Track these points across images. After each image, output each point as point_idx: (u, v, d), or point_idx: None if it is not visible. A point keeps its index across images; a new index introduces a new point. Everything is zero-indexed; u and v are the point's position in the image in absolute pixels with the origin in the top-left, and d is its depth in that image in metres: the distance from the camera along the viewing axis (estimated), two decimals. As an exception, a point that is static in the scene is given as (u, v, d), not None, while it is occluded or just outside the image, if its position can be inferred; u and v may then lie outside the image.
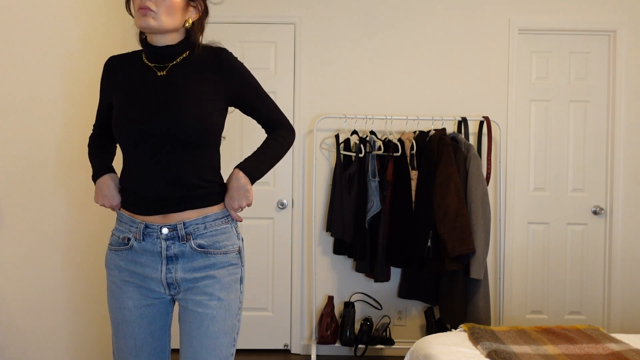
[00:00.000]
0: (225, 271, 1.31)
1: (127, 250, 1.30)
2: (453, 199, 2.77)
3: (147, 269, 1.29)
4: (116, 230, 1.34)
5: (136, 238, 1.28)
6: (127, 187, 1.32)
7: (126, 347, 1.31)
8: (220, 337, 1.27)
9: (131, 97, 1.29)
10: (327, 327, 3.02)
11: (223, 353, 1.28)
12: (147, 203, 1.28)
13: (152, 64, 1.33)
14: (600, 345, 1.95)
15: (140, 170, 1.28)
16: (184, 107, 1.25)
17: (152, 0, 1.23)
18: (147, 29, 1.27)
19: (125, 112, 1.28)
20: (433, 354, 1.86)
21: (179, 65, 1.32)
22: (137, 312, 1.30)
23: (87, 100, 2.07)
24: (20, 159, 1.71)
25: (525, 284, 3.26)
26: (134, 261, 1.30)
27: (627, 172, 3.20)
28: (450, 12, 3.20)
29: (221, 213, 1.33)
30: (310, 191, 3.16)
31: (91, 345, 2.29)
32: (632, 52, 3.20)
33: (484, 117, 3.06)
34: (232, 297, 1.31)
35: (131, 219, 1.30)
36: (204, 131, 1.28)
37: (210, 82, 1.31)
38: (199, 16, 1.34)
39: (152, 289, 1.30)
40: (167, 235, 1.27)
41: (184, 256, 1.28)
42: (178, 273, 1.28)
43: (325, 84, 3.20)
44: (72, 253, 2.09)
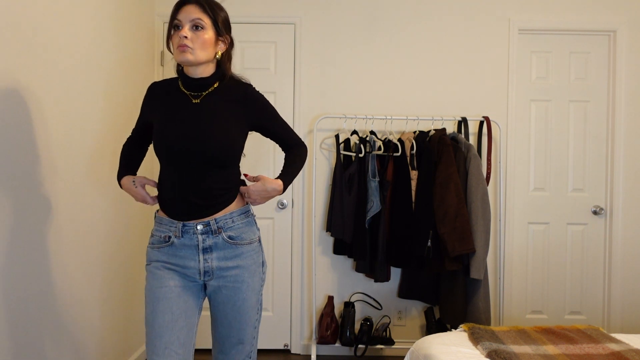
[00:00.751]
0: (251, 259, 1.59)
1: (168, 247, 1.54)
2: (453, 199, 2.77)
3: (187, 260, 1.53)
4: (156, 231, 1.58)
5: (176, 235, 1.53)
6: (164, 195, 1.56)
7: (163, 321, 1.48)
8: (250, 311, 1.59)
9: (169, 119, 1.54)
10: (327, 327, 3.02)
11: (252, 323, 1.61)
12: (180, 210, 1.53)
13: (188, 92, 1.57)
14: (600, 345, 1.95)
15: (174, 183, 1.54)
16: (213, 133, 1.51)
17: (190, 39, 1.49)
18: (186, 63, 1.51)
19: (164, 133, 1.53)
20: (433, 354, 1.86)
21: (210, 94, 1.56)
22: (176, 290, 1.52)
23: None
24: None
25: (525, 284, 3.26)
26: (175, 255, 1.54)
27: (627, 172, 3.20)
28: (450, 12, 3.20)
29: (243, 209, 1.60)
30: (310, 191, 3.16)
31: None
32: (632, 52, 3.20)
33: (484, 117, 3.06)
34: (256, 279, 1.60)
35: (170, 220, 1.54)
36: (229, 153, 1.54)
37: (236, 111, 1.57)
38: (226, 48, 1.61)
39: (190, 275, 1.54)
40: (202, 230, 1.52)
41: (217, 247, 1.54)
42: (214, 262, 1.54)
43: (325, 84, 3.20)
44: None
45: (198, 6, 1.51)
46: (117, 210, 2.57)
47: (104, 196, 2.43)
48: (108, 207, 2.47)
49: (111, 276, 2.53)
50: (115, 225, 2.56)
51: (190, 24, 1.50)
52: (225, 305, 1.57)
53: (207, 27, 1.52)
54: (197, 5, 1.51)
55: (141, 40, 2.92)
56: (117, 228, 2.58)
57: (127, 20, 2.69)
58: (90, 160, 2.27)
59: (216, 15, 1.54)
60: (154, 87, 1.65)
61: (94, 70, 2.29)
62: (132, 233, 2.80)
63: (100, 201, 2.39)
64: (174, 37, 1.52)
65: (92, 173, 2.28)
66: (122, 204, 2.63)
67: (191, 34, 1.50)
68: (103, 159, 2.40)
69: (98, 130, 2.34)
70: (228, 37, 1.61)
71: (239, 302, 1.56)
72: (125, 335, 2.74)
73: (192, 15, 1.50)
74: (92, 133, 2.29)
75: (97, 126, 2.34)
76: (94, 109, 2.31)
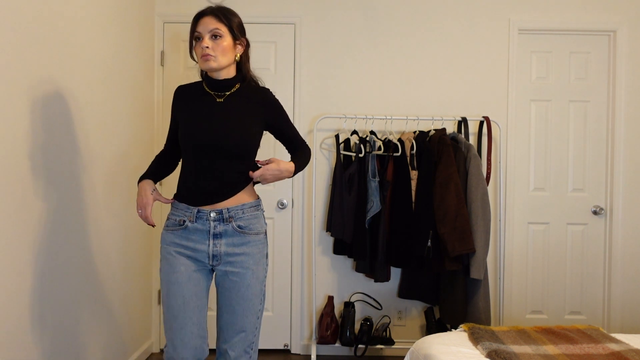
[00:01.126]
0: (257, 248, 1.72)
1: (182, 230, 1.69)
2: (453, 199, 2.77)
3: (198, 244, 1.68)
4: (172, 215, 1.73)
5: (190, 220, 1.68)
6: (186, 182, 1.72)
7: (176, 304, 1.65)
8: (253, 299, 1.71)
9: (195, 116, 1.71)
10: (327, 327, 3.02)
11: (255, 312, 1.72)
12: (201, 195, 1.68)
13: (213, 92, 1.74)
14: (600, 345, 1.95)
15: (197, 172, 1.69)
16: (235, 129, 1.69)
17: (211, 48, 1.66)
18: (210, 70, 1.70)
19: (190, 128, 1.70)
20: (433, 354, 1.86)
21: (232, 95, 1.74)
22: (186, 275, 1.66)
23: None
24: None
25: (525, 284, 3.26)
26: (187, 238, 1.68)
27: (627, 172, 3.20)
28: (451, 12, 3.20)
29: (254, 202, 1.75)
30: (310, 191, 3.16)
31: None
32: (632, 52, 3.20)
33: (484, 117, 3.06)
34: (261, 268, 1.74)
35: (186, 206, 1.69)
36: (247, 147, 1.72)
37: (255, 111, 1.75)
38: (244, 49, 1.78)
39: (199, 259, 1.69)
40: (215, 218, 1.68)
41: (227, 234, 1.69)
42: (222, 247, 1.68)
43: (325, 84, 3.20)
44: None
45: (214, 17, 1.68)
46: (117, 209, 2.57)
47: (95, 196, 2.43)
48: (103, 204, 2.47)
49: (111, 276, 2.53)
50: (115, 223, 2.56)
51: (210, 34, 1.67)
52: (230, 292, 1.70)
53: (224, 35, 1.69)
54: (213, 16, 1.68)
55: (141, 40, 2.92)
56: (118, 226, 2.59)
57: (127, 20, 2.69)
58: (90, 157, 2.27)
59: (231, 22, 1.71)
60: (179, 90, 1.82)
61: (93, 70, 2.29)
62: (132, 231, 2.80)
63: (93, 201, 2.39)
64: (197, 47, 1.70)
65: (91, 172, 2.28)
66: (120, 203, 2.63)
67: (211, 43, 1.67)
68: (103, 156, 2.40)
69: (96, 130, 2.34)
70: (244, 39, 1.78)
71: (243, 289, 1.69)
72: (125, 335, 2.74)
73: (210, 26, 1.66)
74: (90, 133, 2.29)
75: (97, 126, 2.34)
76: (94, 109, 2.31)
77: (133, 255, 2.82)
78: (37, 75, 1.82)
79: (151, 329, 3.17)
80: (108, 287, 2.49)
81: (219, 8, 1.71)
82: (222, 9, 1.71)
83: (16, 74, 1.70)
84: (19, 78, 1.71)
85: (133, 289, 2.83)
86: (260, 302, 1.74)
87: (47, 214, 1.91)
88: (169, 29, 3.18)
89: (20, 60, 1.72)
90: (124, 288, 2.70)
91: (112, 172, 2.51)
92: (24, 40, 1.74)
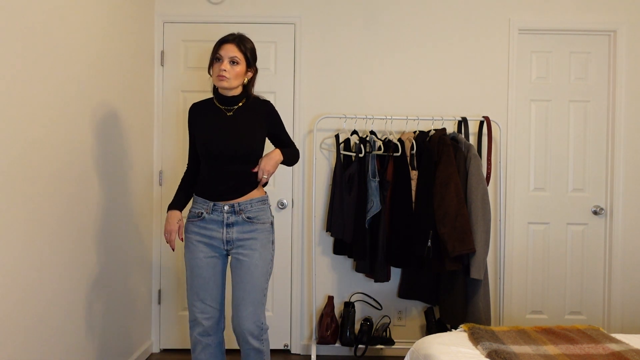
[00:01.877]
0: (263, 235, 2.06)
1: (200, 220, 2.04)
2: (453, 199, 2.77)
3: (213, 232, 2.04)
4: (193, 208, 2.08)
5: (207, 212, 2.03)
6: (204, 181, 2.06)
7: (198, 283, 2.04)
8: (260, 277, 2.03)
9: (210, 129, 2.05)
10: (327, 327, 3.02)
11: (262, 286, 2.04)
12: (217, 193, 2.03)
13: (223, 106, 2.07)
14: (601, 345, 1.95)
15: (214, 174, 2.04)
16: (243, 138, 2.03)
17: (227, 70, 1.98)
18: (221, 87, 2.03)
19: (206, 139, 2.04)
20: (433, 354, 1.86)
21: (240, 108, 2.08)
22: (205, 260, 2.04)
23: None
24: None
25: (525, 284, 3.26)
26: (205, 227, 2.04)
27: (627, 172, 3.20)
28: (451, 12, 3.20)
29: (261, 197, 2.09)
30: (310, 191, 3.16)
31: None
32: (632, 52, 3.20)
33: (484, 117, 3.06)
34: (267, 251, 2.07)
35: (204, 200, 2.05)
36: (254, 153, 2.06)
37: (260, 121, 2.09)
38: (252, 76, 2.12)
39: (216, 245, 2.05)
40: (228, 210, 2.03)
41: (238, 224, 2.03)
42: (234, 234, 2.03)
43: (325, 84, 3.20)
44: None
45: (235, 45, 2.01)
46: (117, 209, 2.57)
47: (94, 196, 2.43)
48: (103, 204, 2.47)
49: (111, 276, 2.53)
50: (115, 223, 2.56)
51: (229, 59, 1.99)
52: (240, 270, 2.02)
53: (241, 62, 2.02)
54: (234, 45, 2.01)
55: (141, 40, 2.92)
56: (118, 227, 2.59)
57: (127, 20, 2.69)
58: (90, 157, 2.27)
59: (247, 51, 2.04)
60: (194, 107, 2.13)
61: (93, 70, 2.29)
62: (132, 232, 2.80)
63: (93, 201, 2.39)
64: (215, 66, 2.01)
65: (90, 171, 2.28)
66: (120, 204, 2.63)
67: (229, 67, 1.99)
68: (103, 156, 2.40)
69: (96, 130, 2.34)
70: (254, 67, 2.11)
71: (252, 267, 2.01)
72: (126, 335, 2.74)
73: (230, 53, 1.99)
74: (90, 133, 2.29)
75: (96, 125, 2.34)
76: (93, 108, 2.31)
77: (133, 255, 2.82)
78: (36, 75, 1.82)
79: (151, 329, 3.16)
80: (108, 287, 2.49)
81: (240, 37, 2.04)
82: (243, 39, 2.05)
83: (15, 74, 1.70)
84: (18, 77, 1.71)
85: (133, 289, 2.83)
86: (266, 281, 2.06)
87: (47, 213, 1.91)
88: (169, 29, 3.18)
89: (18, 61, 1.71)
90: (124, 288, 2.70)
91: (111, 172, 2.51)
92: (25, 40, 1.74)
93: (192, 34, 3.17)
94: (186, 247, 2.08)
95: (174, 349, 3.21)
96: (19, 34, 1.70)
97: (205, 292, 2.04)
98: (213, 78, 2.02)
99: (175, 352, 3.19)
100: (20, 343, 1.74)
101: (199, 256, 2.04)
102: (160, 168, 3.19)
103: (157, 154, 3.18)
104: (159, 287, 3.18)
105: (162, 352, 3.19)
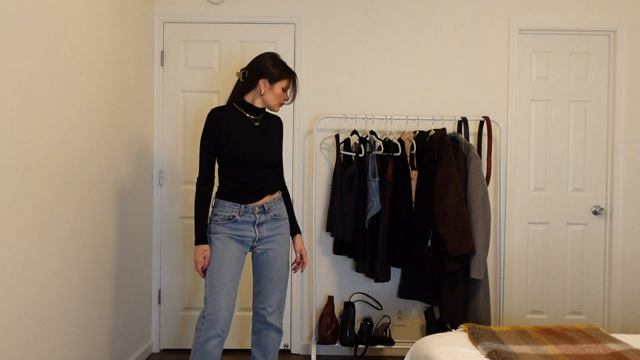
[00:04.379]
0: (285, 230, 2.29)
1: (232, 222, 2.16)
2: (453, 199, 2.77)
3: (246, 232, 2.18)
4: (219, 212, 2.17)
5: (239, 214, 2.16)
6: (234, 186, 2.18)
7: (226, 274, 2.13)
8: (285, 268, 2.28)
9: (240, 136, 2.18)
10: (327, 327, 3.02)
11: (286, 275, 2.29)
12: (249, 195, 2.18)
13: (251, 116, 2.23)
14: (601, 345, 1.95)
15: (242, 178, 2.18)
16: (270, 147, 2.25)
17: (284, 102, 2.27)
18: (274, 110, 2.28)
19: (238, 146, 2.16)
20: (433, 354, 1.86)
21: (262, 119, 2.27)
22: (235, 255, 2.16)
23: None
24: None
25: (525, 284, 3.26)
26: (237, 228, 2.17)
27: (627, 172, 3.20)
28: (451, 12, 3.20)
29: (279, 196, 2.29)
30: (310, 191, 3.16)
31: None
32: (632, 52, 3.20)
33: (484, 117, 3.06)
34: (288, 244, 2.32)
35: (231, 203, 2.16)
36: (277, 159, 2.30)
37: (276, 133, 2.33)
38: None
39: (246, 242, 2.19)
40: (258, 211, 2.19)
41: (267, 222, 2.21)
42: (264, 232, 2.21)
43: (325, 84, 3.20)
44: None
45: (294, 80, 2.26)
46: (116, 209, 2.57)
47: (93, 196, 2.43)
48: (103, 204, 2.47)
49: (111, 276, 2.53)
50: (115, 223, 2.57)
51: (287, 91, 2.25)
52: (269, 263, 2.23)
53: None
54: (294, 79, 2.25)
55: (141, 40, 2.92)
56: (117, 227, 2.59)
57: (127, 20, 2.69)
58: (89, 157, 2.27)
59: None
60: (218, 114, 2.19)
61: (93, 70, 2.29)
62: (132, 232, 2.80)
63: (93, 201, 2.39)
64: (279, 93, 2.21)
65: (89, 171, 2.28)
66: (120, 204, 2.63)
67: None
68: (102, 156, 2.40)
69: (96, 130, 2.34)
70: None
71: (280, 260, 2.24)
72: (125, 335, 2.74)
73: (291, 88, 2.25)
74: (90, 133, 2.29)
75: (96, 125, 2.34)
76: (93, 108, 2.31)
77: (133, 255, 2.82)
78: (36, 75, 1.82)
79: (151, 329, 3.17)
80: (108, 287, 2.49)
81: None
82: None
83: (15, 74, 1.70)
84: (18, 77, 1.71)
85: (133, 289, 2.83)
86: (288, 270, 2.30)
87: (47, 214, 1.91)
88: (169, 29, 3.18)
89: (18, 60, 1.71)
90: (124, 288, 2.70)
91: (109, 172, 2.51)
92: (24, 40, 1.74)
93: (192, 34, 3.18)
94: (215, 242, 2.15)
95: (174, 349, 3.21)
96: (18, 34, 1.70)
97: (233, 284, 2.15)
98: (273, 101, 2.20)
99: (175, 352, 3.19)
100: (20, 343, 1.74)
101: (231, 249, 2.15)
102: (160, 168, 3.19)
103: (157, 154, 3.18)
104: (159, 287, 3.18)
105: (162, 352, 3.19)
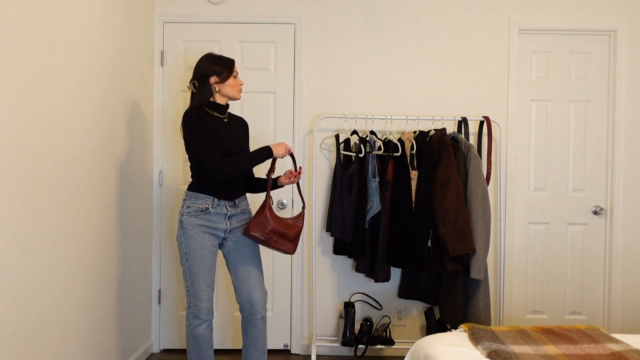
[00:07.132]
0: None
1: (205, 214, 2.26)
2: (453, 199, 2.77)
3: (218, 223, 2.29)
4: (193, 204, 2.27)
5: (212, 207, 2.26)
6: (212, 182, 2.25)
7: (204, 268, 2.25)
8: (258, 253, 2.41)
9: (217, 132, 2.25)
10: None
11: (260, 259, 2.42)
12: (226, 192, 2.29)
13: (220, 115, 2.32)
14: (601, 345, 1.95)
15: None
16: (240, 142, 2.36)
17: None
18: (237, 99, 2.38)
19: (217, 140, 2.21)
20: (433, 354, 1.86)
21: (229, 117, 2.38)
22: (210, 248, 2.28)
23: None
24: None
25: (525, 284, 3.26)
26: (209, 220, 2.27)
27: (627, 172, 3.20)
28: (451, 12, 3.20)
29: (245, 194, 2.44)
30: (310, 191, 3.16)
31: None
32: (632, 52, 3.20)
33: (484, 117, 3.06)
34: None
35: (207, 196, 2.26)
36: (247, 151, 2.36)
37: (242, 127, 2.47)
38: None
39: (218, 235, 2.30)
40: (230, 205, 2.31)
41: (236, 215, 2.35)
42: (233, 224, 2.33)
43: (325, 84, 3.20)
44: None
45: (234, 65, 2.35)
46: (117, 208, 2.57)
47: (94, 197, 2.43)
48: (103, 204, 2.47)
49: (111, 276, 2.53)
50: (115, 223, 2.56)
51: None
52: (242, 249, 2.35)
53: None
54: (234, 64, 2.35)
55: (141, 40, 2.92)
56: (117, 226, 2.59)
57: (127, 20, 2.69)
58: (89, 157, 2.27)
59: None
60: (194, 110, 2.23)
61: (93, 69, 2.29)
62: (132, 232, 2.80)
63: (93, 201, 2.39)
64: (235, 81, 2.31)
65: (88, 171, 2.28)
66: (120, 204, 2.63)
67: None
68: (102, 156, 2.40)
69: (97, 130, 2.34)
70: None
71: (251, 244, 2.37)
72: (126, 335, 2.74)
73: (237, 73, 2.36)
74: (91, 133, 2.29)
75: (97, 125, 2.34)
76: (94, 108, 2.31)
77: (133, 256, 2.82)
78: (36, 75, 1.82)
79: (151, 329, 3.17)
80: (108, 287, 2.49)
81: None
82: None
83: (14, 74, 1.70)
84: (18, 78, 1.71)
85: (133, 289, 2.83)
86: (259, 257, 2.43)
87: (47, 214, 1.91)
88: (169, 29, 3.18)
89: (18, 60, 1.71)
90: (124, 288, 2.70)
91: (109, 172, 2.51)
92: (24, 40, 1.74)
93: (192, 34, 3.18)
94: (191, 238, 2.24)
95: (174, 349, 3.21)
96: (18, 35, 1.70)
97: (210, 277, 2.27)
98: (232, 91, 2.30)
99: (175, 352, 3.19)
100: (20, 343, 1.74)
101: (206, 245, 2.25)
102: (160, 168, 3.19)
103: (157, 154, 3.18)
104: (159, 287, 3.18)
105: (162, 352, 3.19)
